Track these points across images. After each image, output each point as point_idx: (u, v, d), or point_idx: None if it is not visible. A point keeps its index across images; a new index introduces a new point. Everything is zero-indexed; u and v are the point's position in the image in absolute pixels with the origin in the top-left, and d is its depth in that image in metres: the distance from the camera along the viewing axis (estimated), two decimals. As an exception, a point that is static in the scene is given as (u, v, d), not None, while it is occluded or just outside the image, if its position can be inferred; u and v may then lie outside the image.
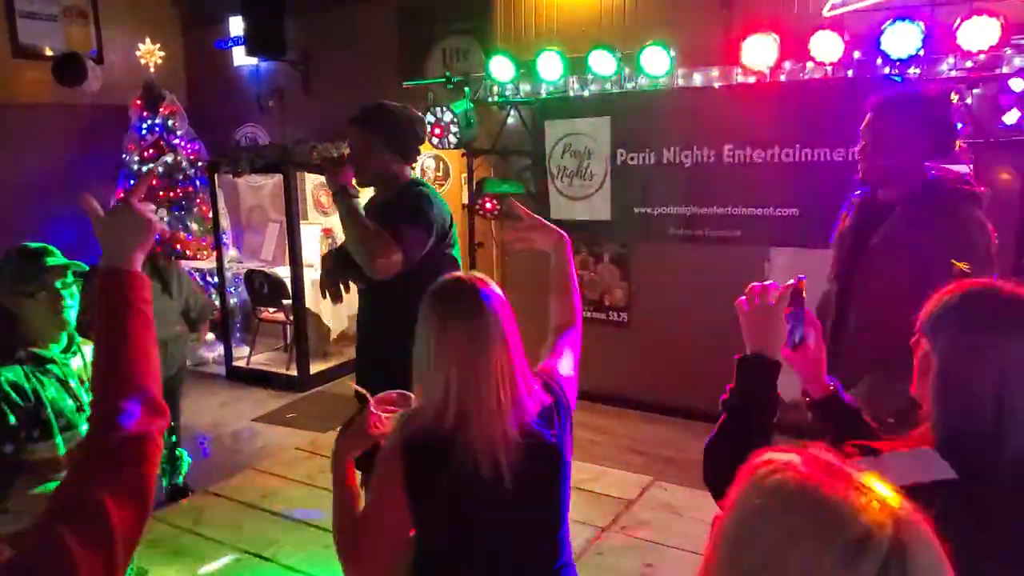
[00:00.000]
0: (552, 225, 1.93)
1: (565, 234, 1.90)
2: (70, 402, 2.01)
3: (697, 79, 4.49)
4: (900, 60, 3.74)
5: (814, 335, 1.44)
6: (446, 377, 1.45)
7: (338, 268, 2.60)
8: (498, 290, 1.54)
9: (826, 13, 4.07)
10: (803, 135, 4.17)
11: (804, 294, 1.39)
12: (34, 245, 2.03)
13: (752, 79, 4.26)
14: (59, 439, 1.95)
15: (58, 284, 2.02)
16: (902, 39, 3.68)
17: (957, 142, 2.34)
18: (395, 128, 2.55)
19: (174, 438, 1.97)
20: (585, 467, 3.88)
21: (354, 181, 2.48)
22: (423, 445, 1.46)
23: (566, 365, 1.72)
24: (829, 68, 4.03)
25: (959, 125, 2.33)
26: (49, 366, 2.01)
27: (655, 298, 4.88)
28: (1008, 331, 1.12)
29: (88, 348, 2.18)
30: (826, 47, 3.89)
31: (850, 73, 4.01)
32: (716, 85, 4.39)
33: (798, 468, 0.73)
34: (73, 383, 2.05)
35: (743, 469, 0.77)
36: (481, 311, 1.47)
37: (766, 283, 1.38)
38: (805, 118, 4.14)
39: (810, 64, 4.08)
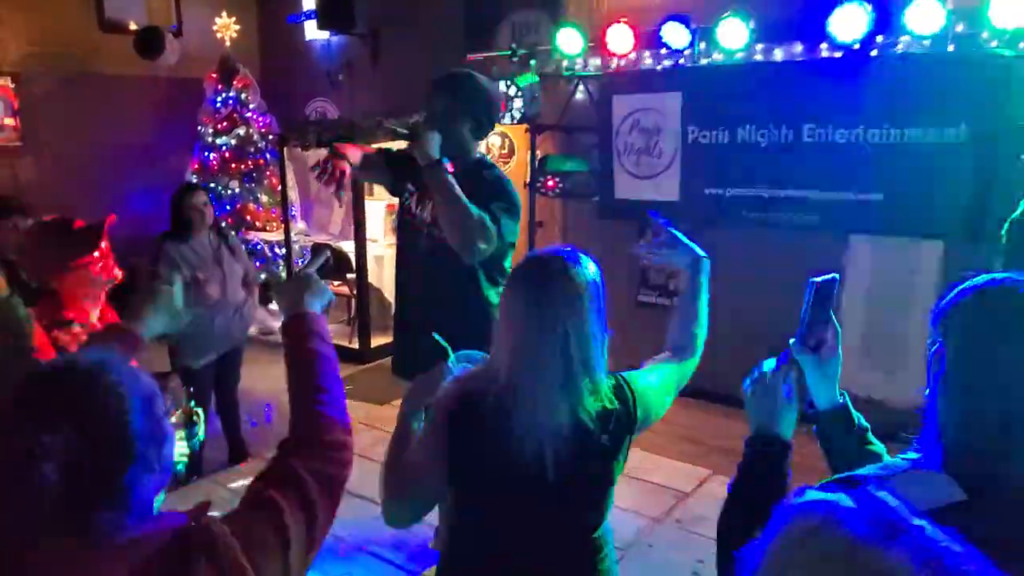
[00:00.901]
0: (690, 244, 1.76)
1: (704, 255, 1.74)
2: None
3: (778, 54, 4.23)
4: (1010, 34, 3.41)
5: (831, 339, 1.30)
6: (507, 346, 1.40)
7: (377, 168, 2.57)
8: (591, 269, 1.44)
9: (926, -19, 3.75)
10: (893, 114, 3.86)
11: (834, 291, 1.28)
12: (53, 219, 2.03)
13: (839, 54, 3.98)
14: None
15: (96, 254, 2.03)
16: (1013, 9, 3.34)
17: None
18: (481, 101, 2.43)
19: (192, 403, 1.94)
20: (639, 456, 3.75)
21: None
22: (470, 409, 1.42)
23: (652, 382, 1.58)
24: (927, 42, 3.73)
25: None
26: None
27: (723, 284, 4.59)
28: (1019, 340, 0.94)
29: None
30: (925, 18, 3.58)
31: (951, 48, 3.69)
32: (796, 60, 4.13)
33: (847, 523, 0.59)
34: None
35: (780, 510, 0.64)
36: (557, 282, 1.38)
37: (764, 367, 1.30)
38: (896, 96, 3.83)
39: (906, 37, 3.78)
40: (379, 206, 6.34)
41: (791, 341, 1.31)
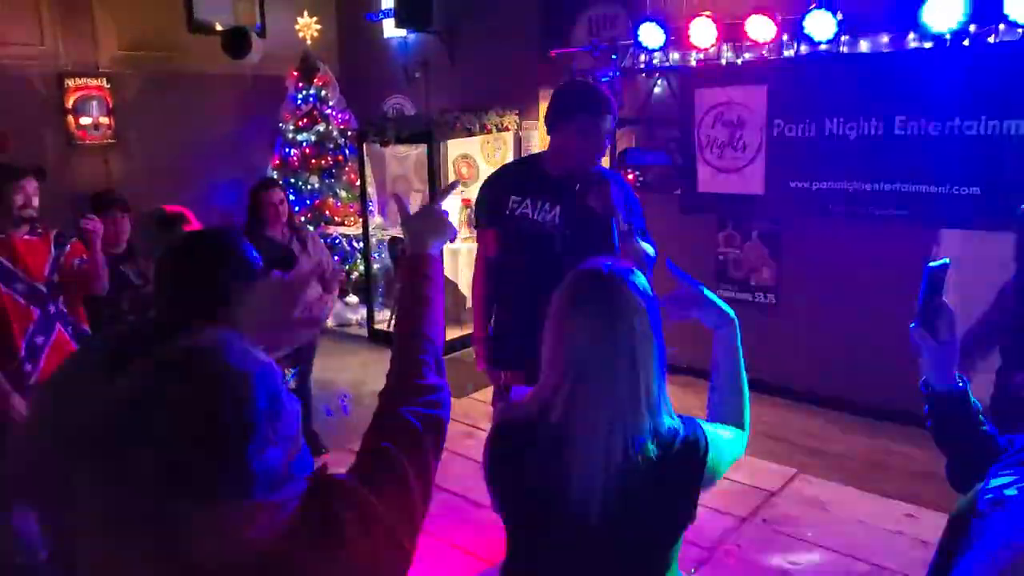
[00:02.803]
0: (719, 302, 1.51)
1: (733, 314, 1.49)
2: None
3: (863, 45, 4.14)
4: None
5: (947, 323, 1.33)
6: (558, 379, 1.29)
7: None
8: (644, 285, 1.32)
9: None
10: (992, 106, 3.73)
11: (945, 276, 1.33)
12: (171, 210, 2.06)
13: (928, 44, 3.86)
14: None
15: None
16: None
17: None
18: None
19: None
20: (723, 452, 3.72)
21: None
22: (512, 439, 1.36)
23: (723, 437, 1.40)
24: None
25: None
26: None
27: (807, 280, 4.59)
28: None
29: None
30: (1027, 6, 3.45)
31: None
32: (885, 51, 4.03)
33: None
34: None
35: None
36: (616, 310, 1.28)
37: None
38: (995, 87, 3.70)
39: (1003, 26, 3.64)
40: (454, 200, 6.43)
41: (911, 326, 1.35)
